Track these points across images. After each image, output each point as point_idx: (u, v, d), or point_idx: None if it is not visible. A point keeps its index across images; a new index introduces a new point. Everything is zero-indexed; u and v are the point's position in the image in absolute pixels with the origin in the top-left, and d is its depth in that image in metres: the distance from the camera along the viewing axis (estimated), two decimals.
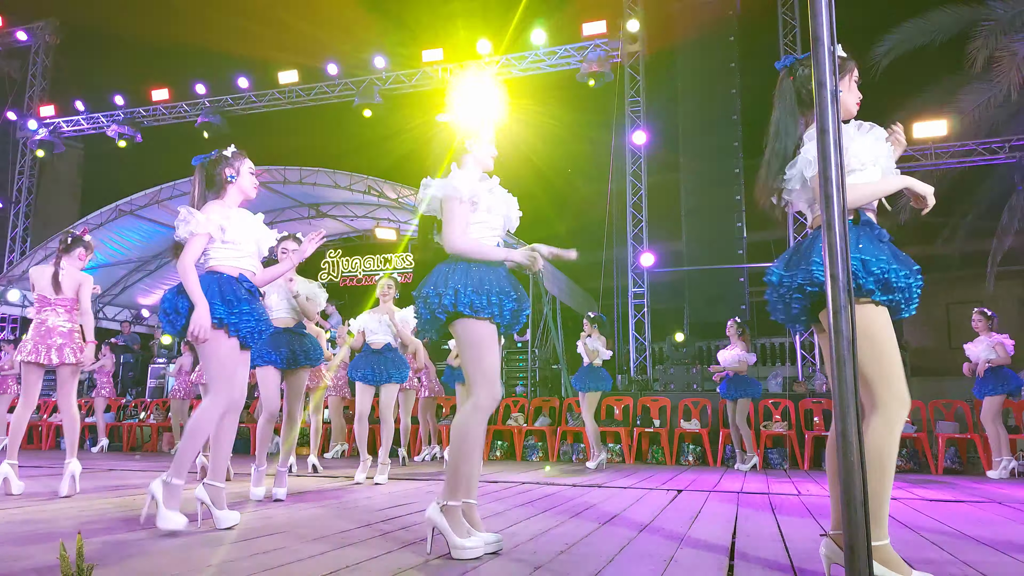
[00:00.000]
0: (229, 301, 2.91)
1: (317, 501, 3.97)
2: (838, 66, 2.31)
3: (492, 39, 12.88)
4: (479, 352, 2.51)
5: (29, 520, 3.10)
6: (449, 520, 2.40)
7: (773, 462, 7.57)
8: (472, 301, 2.47)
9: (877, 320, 2.12)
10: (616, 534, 2.92)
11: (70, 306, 4.42)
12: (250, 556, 2.36)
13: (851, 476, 1.47)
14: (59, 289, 4.36)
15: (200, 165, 3.12)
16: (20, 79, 16.28)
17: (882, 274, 2.06)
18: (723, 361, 7.15)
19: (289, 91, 14.29)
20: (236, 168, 3.11)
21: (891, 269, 2.07)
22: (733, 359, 7.07)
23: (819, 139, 1.58)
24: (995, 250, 12.67)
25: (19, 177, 16.04)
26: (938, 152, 11.20)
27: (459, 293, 2.47)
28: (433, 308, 2.51)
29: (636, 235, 11.85)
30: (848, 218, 2.14)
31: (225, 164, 3.09)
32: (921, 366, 15.64)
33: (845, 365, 1.51)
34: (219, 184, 3.10)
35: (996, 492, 5.05)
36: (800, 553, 2.56)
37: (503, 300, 2.53)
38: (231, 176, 3.09)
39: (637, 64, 12.16)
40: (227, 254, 3.02)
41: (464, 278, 2.50)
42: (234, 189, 3.12)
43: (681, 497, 4.36)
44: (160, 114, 15.11)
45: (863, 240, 2.12)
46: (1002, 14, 10.41)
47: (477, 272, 2.53)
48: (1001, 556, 2.57)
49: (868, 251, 2.08)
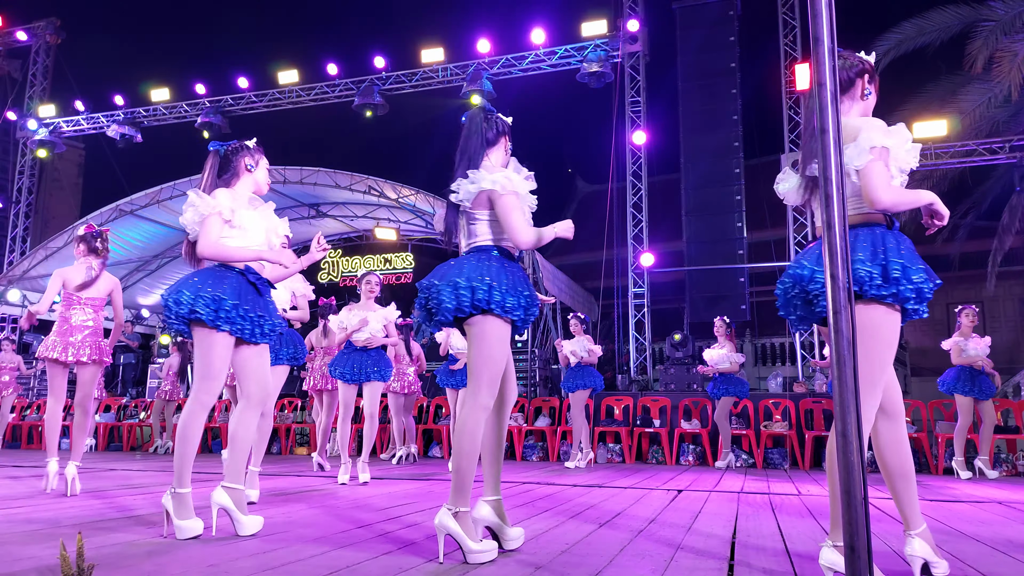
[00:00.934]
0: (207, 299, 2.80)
1: (317, 501, 3.97)
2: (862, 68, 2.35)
3: (492, 39, 12.88)
4: (492, 352, 2.50)
5: (29, 520, 3.10)
6: (462, 525, 2.37)
7: (773, 462, 7.56)
8: (505, 301, 2.47)
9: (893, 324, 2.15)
10: (616, 534, 2.92)
11: (98, 305, 4.49)
12: (250, 556, 2.36)
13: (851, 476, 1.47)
14: (92, 288, 4.43)
15: (216, 152, 3.06)
16: (20, 79, 16.28)
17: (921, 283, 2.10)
18: (711, 360, 7.12)
19: (289, 91, 14.29)
20: (256, 160, 3.07)
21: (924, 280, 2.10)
22: (722, 358, 7.05)
23: (819, 139, 1.58)
24: (995, 250, 12.68)
25: (19, 177, 16.05)
26: (938, 152, 11.20)
27: (493, 290, 2.45)
28: (462, 300, 2.46)
29: (636, 235, 11.85)
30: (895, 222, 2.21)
31: (246, 153, 3.06)
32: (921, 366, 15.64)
33: (845, 365, 1.51)
34: (234, 172, 3.05)
35: (996, 492, 5.05)
36: (801, 553, 2.56)
37: (530, 303, 2.55)
38: (250, 166, 3.05)
39: (637, 64, 12.16)
40: (235, 242, 2.91)
41: (499, 276, 2.48)
42: (250, 179, 3.06)
43: (681, 497, 4.36)
44: (160, 114, 15.11)
45: (904, 246, 2.14)
46: (1002, 14, 10.42)
47: (510, 271, 2.52)
48: (1001, 556, 2.57)
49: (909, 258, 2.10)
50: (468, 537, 2.35)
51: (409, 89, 13.69)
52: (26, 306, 13.97)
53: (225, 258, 2.86)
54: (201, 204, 2.87)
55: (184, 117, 14.94)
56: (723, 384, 7.04)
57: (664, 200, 12.58)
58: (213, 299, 2.78)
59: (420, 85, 13.63)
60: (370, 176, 11.90)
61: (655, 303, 12.01)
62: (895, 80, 11.81)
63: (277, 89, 14.32)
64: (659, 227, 12.35)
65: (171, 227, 13.94)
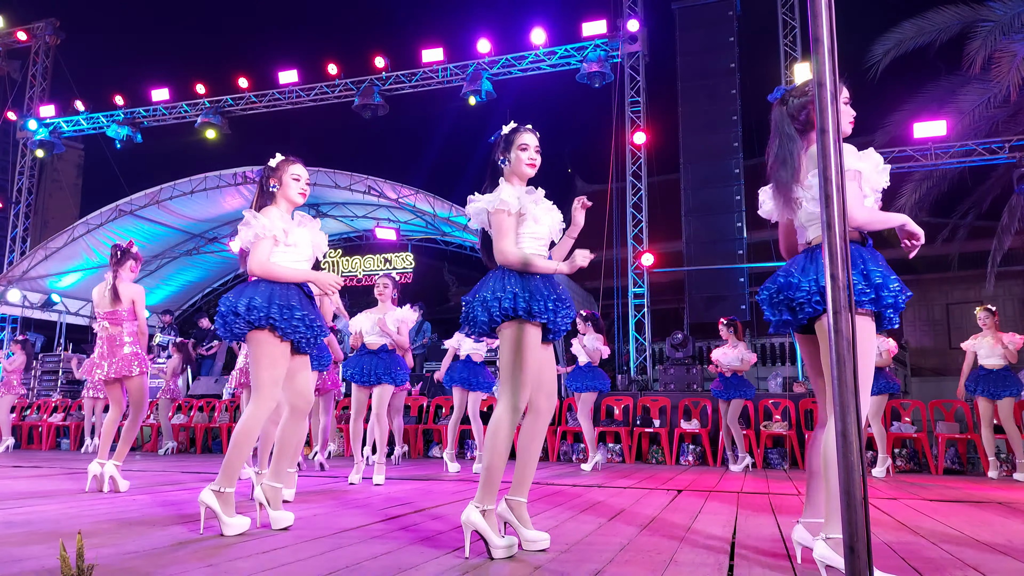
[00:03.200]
0: (281, 307, 2.94)
1: (317, 501, 3.97)
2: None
3: (492, 39, 12.88)
4: (523, 356, 2.60)
5: (30, 520, 3.10)
6: (489, 522, 2.49)
7: (773, 462, 7.56)
8: (530, 306, 2.59)
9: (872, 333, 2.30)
10: (616, 534, 2.92)
11: (125, 318, 4.64)
12: (250, 556, 2.36)
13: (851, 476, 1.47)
14: (117, 302, 4.59)
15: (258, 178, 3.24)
16: (20, 79, 16.28)
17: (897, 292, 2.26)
18: (724, 361, 7.00)
19: (289, 91, 14.29)
20: (279, 178, 3.16)
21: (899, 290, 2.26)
22: (735, 358, 6.94)
23: (819, 139, 1.58)
24: (995, 250, 12.67)
25: (19, 177, 16.04)
26: (938, 152, 11.19)
27: (517, 298, 2.58)
28: (492, 311, 2.61)
29: (636, 235, 11.85)
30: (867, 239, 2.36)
31: (270, 175, 3.17)
32: (921, 366, 15.64)
33: (845, 365, 1.51)
34: (269, 194, 3.16)
35: (996, 492, 5.05)
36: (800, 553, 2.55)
37: (558, 306, 2.65)
38: (274, 186, 3.15)
39: (637, 64, 12.16)
40: (286, 258, 3.06)
41: (520, 284, 2.62)
42: (281, 198, 3.17)
43: (681, 497, 4.36)
44: (160, 114, 15.11)
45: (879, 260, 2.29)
46: (1001, 15, 10.41)
47: (530, 281, 2.64)
48: (1001, 556, 2.57)
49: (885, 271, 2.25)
50: (494, 533, 2.47)
51: (409, 89, 13.68)
52: (26, 307, 13.98)
53: (274, 277, 2.99)
54: (256, 224, 3.00)
55: (184, 117, 14.93)
56: (736, 386, 6.88)
57: (664, 200, 12.57)
58: (288, 307, 2.94)
59: (420, 85, 13.62)
60: (370, 176, 11.90)
61: (655, 303, 12.01)
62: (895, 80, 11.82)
63: (277, 89, 14.31)
64: (659, 227, 12.34)
65: (171, 227, 13.94)
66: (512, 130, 2.81)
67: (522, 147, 2.78)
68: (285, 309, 2.92)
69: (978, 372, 6.54)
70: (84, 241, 13.33)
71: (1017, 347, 6.41)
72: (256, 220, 3.00)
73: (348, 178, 11.94)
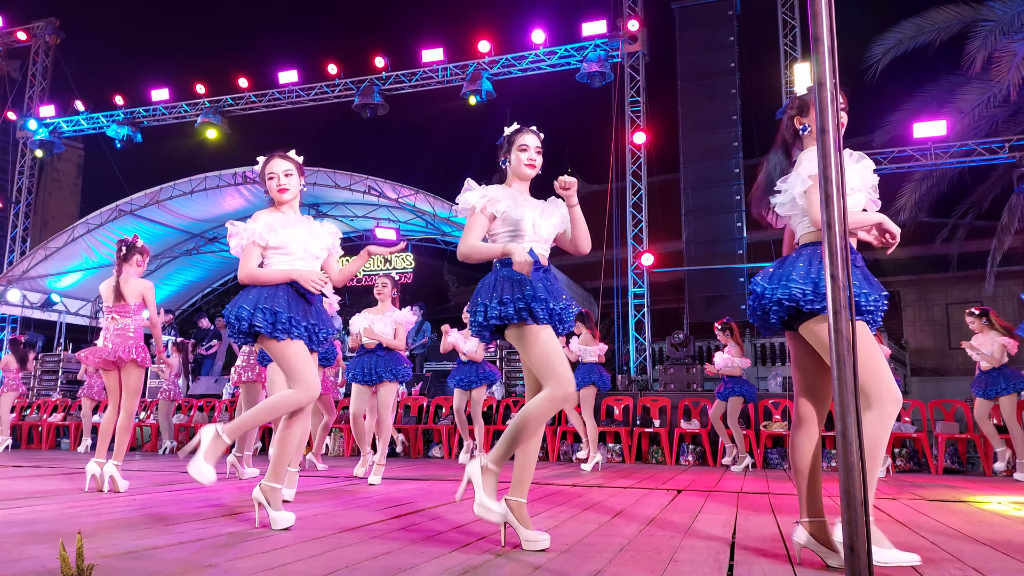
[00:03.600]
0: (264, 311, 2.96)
1: (318, 500, 3.97)
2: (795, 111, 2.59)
3: (492, 39, 12.88)
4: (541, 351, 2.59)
5: (30, 520, 3.10)
6: (517, 515, 2.55)
7: (773, 462, 7.56)
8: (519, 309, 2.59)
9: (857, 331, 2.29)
10: (616, 534, 2.92)
11: (133, 312, 4.63)
12: (250, 556, 2.36)
13: (851, 476, 1.47)
14: (121, 297, 4.58)
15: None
16: (20, 79, 16.27)
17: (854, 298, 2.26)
18: (717, 363, 7.07)
19: (289, 91, 14.28)
20: (263, 179, 3.19)
21: (861, 293, 2.29)
22: (726, 363, 6.98)
23: (819, 139, 1.58)
24: (995, 250, 12.67)
25: (19, 177, 16.04)
26: (938, 152, 11.19)
27: (506, 305, 2.60)
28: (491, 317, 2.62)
29: (636, 235, 11.85)
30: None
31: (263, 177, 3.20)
32: (921, 366, 15.63)
33: (845, 365, 1.51)
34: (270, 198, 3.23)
35: (996, 492, 5.05)
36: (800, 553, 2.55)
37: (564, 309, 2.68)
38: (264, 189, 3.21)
39: (637, 64, 12.16)
40: (279, 259, 3.07)
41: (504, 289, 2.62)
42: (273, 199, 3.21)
43: (681, 497, 4.36)
44: (160, 114, 15.11)
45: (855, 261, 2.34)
46: (1001, 14, 10.42)
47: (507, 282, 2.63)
48: (1001, 556, 2.57)
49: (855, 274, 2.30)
50: (523, 526, 2.54)
51: (409, 89, 13.68)
52: (26, 307, 13.98)
53: (261, 283, 3.03)
54: (237, 235, 3.06)
55: (184, 117, 14.93)
56: (733, 386, 6.90)
57: (664, 200, 12.57)
58: (271, 311, 2.97)
59: (420, 85, 13.61)
60: (370, 176, 11.90)
61: (655, 303, 12.01)
62: (894, 80, 11.82)
63: (277, 89, 14.31)
64: (659, 227, 12.34)
65: (171, 227, 13.93)
66: (514, 131, 2.81)
67: (522, 148, 2.78)
68: (269, 314, 2.96)
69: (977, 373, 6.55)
70: (84, 241, 13.33)
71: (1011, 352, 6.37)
72: (235, 228, 3.07)
73: (348, 178, 11.94)
